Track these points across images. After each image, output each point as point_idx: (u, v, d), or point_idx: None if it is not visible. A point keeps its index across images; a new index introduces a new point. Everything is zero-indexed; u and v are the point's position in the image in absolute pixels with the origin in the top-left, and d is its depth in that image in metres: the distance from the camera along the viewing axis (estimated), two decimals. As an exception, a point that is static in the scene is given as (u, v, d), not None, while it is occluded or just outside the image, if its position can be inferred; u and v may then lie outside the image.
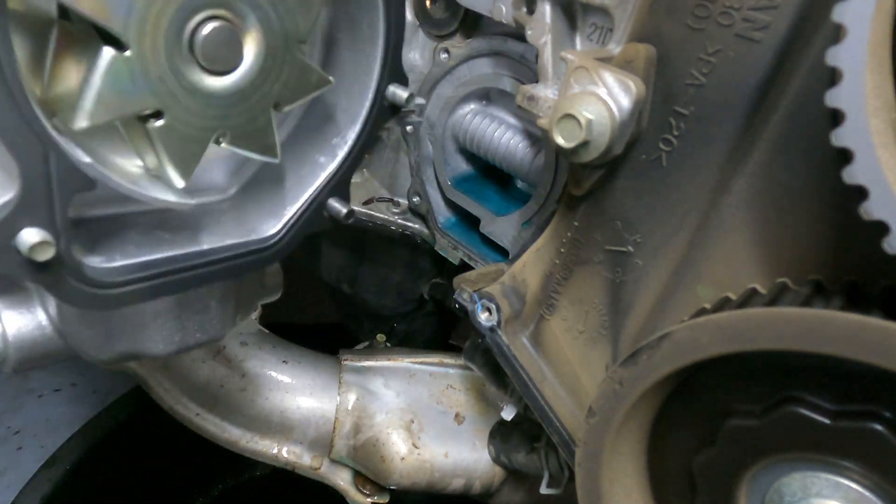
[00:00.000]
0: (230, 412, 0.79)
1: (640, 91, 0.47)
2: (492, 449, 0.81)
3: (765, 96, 0.44)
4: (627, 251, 0.54)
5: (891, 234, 0.34)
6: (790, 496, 0.42)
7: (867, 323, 0.34)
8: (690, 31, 0.46)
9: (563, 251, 0.59)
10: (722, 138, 0.47)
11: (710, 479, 0.45)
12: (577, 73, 0.48)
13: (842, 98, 0.34)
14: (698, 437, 0.46)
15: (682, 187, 0.50)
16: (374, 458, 0.78)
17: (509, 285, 0.63)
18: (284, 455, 0.79)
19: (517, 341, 0.64)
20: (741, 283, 0.47)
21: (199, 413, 0.80)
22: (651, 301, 0.53)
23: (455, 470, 0.79)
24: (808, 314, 0.36)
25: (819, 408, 0.39)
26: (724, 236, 0.48)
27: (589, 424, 0.48)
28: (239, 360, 0.81)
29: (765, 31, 0.43)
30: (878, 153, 0.33)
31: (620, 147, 0.49)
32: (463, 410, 0.82)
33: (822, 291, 0.42)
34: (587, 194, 0.55)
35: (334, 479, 0.81)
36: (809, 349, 0.36)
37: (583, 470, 0.49)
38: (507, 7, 0.59)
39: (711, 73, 0.46)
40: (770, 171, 0.45)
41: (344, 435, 0.79)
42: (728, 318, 0.39)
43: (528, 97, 0.55)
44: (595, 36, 0.54)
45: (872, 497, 0.39)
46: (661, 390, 0.46)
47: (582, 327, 0.59)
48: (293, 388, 0.79)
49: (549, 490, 0.74)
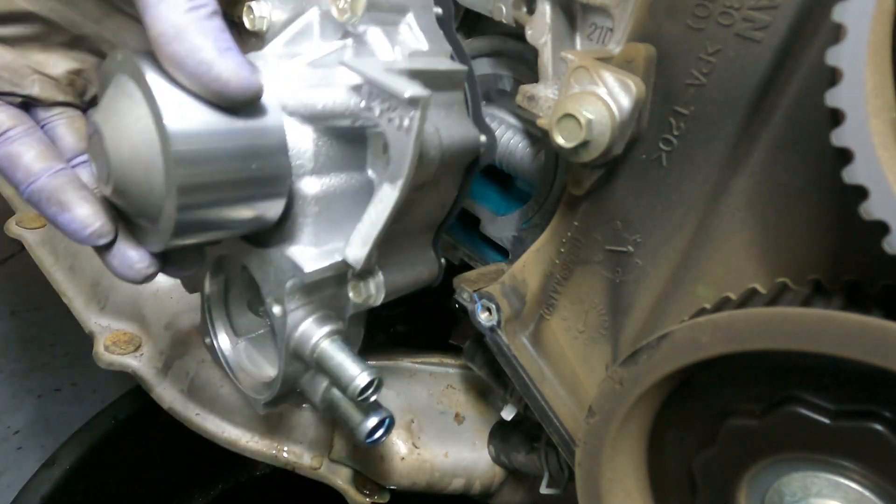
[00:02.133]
0: (230, 412, 0.79)
1: (640, 91, 0.47)
2: (492, 449, 0.81)
3: (765, 96, 0.44)
4: (627, 251, 0.54)
5: (891, 234, 0.34)
6: (790, 496, 0.42)
7: (867, 323, 0.34)
8: (690, 30, 0.46)
9: (563, 251, 0.59)
10: (722, 138, 0.47)
11: (710, 479, 0.45)
12: (577, 72, 0.48)
13: (842, 98, 0.34)
14: (698, 437, 0.46)
15: (682, 187, 0.50)
16: (374, 457, 0.78)
17: (509, 285, 0.63)
18: (284, 455, 0.79)
19: (517, 341, 0.64)
20: (741, 283, 0.47)
21: (199, 413, 0.80)
22: (651, 301, 0.53)
23: (455, 470, 0.79)
24: (808, 314, 0.36)
25: (819, 408, 0.39)
26: (724, 236, 0.48)
27: (589, 424, 0.48)
28: (239, 360, 0.81)
29: (765, 31, 0.43)
30: (878, 153, 0.33)
31: (620, 147, 0.49)
32: (463, 410, 0.82)
33: (822, 291, 0.42)
34: (587, 194, 0.55)
35: (334, 479, 0.81)
36: (809, 349, 0.36)
37: (583, 470, 0.49)
38: (507, 7, 0.59)
39: (711, 73, 0.46)
40: (770, 171, 0.45)
41: (344, 435, 0.79)
42: (728, 318, 0.39)
43: (528, 97, 0.55)
44: (595, 36, 0.54)
45: (872, 497, 0.39)
46: (661, 390, 0.46)
47: (582, 327, 0.59)
48: (293, 387, 0.79)
49: (549, 490, 0.74)
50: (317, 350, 0.55)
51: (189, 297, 0.88)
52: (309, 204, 0.52)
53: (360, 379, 0.53)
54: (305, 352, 0.56)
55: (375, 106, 0.48)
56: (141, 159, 0.44)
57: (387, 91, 0.47)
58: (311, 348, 0.55)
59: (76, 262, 0.95)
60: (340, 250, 0.53)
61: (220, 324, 0.67)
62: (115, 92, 0.46)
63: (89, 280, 0.92)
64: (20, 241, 1.02)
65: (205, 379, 0.80)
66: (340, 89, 0.50)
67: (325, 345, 0.55)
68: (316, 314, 0.56)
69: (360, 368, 0.53)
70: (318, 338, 0.55)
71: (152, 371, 0.83)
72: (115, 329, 0.87)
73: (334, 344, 0.55)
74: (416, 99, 0.45)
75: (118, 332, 0.86)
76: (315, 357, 0.55)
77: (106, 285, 0.90)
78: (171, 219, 0.45)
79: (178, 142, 0.43)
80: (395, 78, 0.48)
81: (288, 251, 0.53)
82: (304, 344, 0.55)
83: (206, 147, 0.45)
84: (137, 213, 0.48)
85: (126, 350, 0.84)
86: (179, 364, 0.82)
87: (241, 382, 0.66)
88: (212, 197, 0.47)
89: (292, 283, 0.53)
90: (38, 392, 1.66)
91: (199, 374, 0.80)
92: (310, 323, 0.56)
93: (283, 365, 0.58)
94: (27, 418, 1.60)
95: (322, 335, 0.55)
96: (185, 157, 0.44)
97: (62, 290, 0.94)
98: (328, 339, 0.55)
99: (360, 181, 0.54)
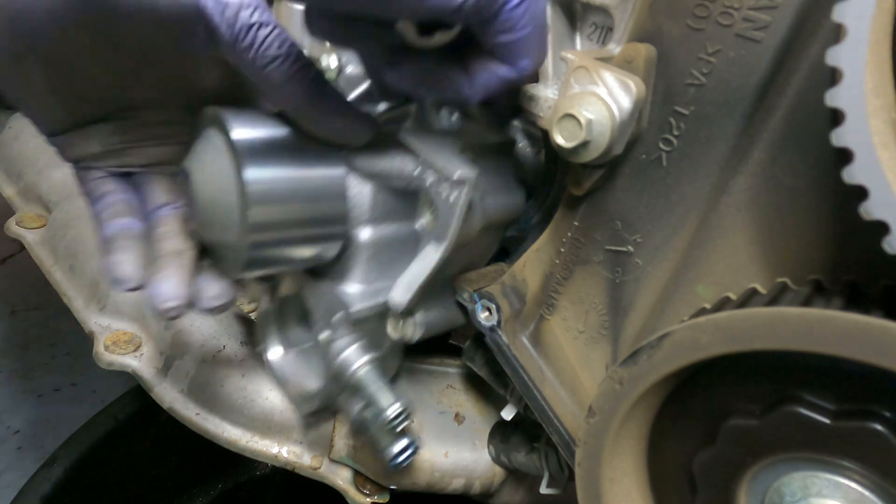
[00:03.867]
0: (230, 412, 0.79)
1: (640, 91, 0.47)
2: (492, 449, 0.81)
3: (765, 96, 0.44)
4: (627, 251, 0.54)
5: (891, 234, 0.34)
6: (790, 496, 0.42)
7: (867, 323, 0.34)
8: (690, 30, 0.46)
9: (563, 251, 0.59)
10: (722, 138, 0.47)
11: (710, 478, 0.45)
12: (577, 72, 0.48)
13: (842, 98, 0.34)
14: (698, 436, 0.46)
15: (682, 187, 0.50)
16: (374, 457, 0.78)
17: (509, 285, 0.63)
18: (284, 455, 0.79)
19: (517, 341, 0.64)
20: (741, 283, 0.47)
21: (199, 413, 0.80)
22: (651, 301, 0.53)
23: (455, 470, 0.79)
24: (808, 314, 0.36)
25: (819, 407, 0.39)
26: (724, 236, 0.48)
27: (589, 424, 0.48)
28: (239, 360, 0.81)
29: (765, 31, 0.43)
30: (878, 153, 0.33)
31: (620, 147, 0.49)
32: (463, 410, 0.82)
33: (822, 291, 0.42)
34: (587, 194, 0.55)
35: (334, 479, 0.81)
36: (809, 349, 0.36)
37: (583, 470, 0.49)
38: (507, 7, 0.59)
39: (711, 73, 0.46)
40: (770, 171, 0.45)
41: (344, 435, 0.79)
42: (728, 318, 0.39)
43: (527, 97, 0.55)
44: (595, 36, 0.54)
45: (872, 497, 0.39)
46: (661, 390, 0.46)
47: (582, 327, 0.59)
48: (293, 387, 0.80)
49: (549, 490, 0.74)
50: (355, 376, 0.61)
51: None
52: (362, 248, 0.60)
53: (391, 410, 0.59)
54: (345, 376, 0.61)
55: (428, 177, 0.56)
56: (222, 202, 0.52)
57: (442, 171, 0.55)
58: (350, 374, 0.61)
59: (76, 262, 0.94)
60: (385, 291, 0.61)
61: (274, 336, 0.73)
62: (203, 143, 0.53)
63: (89, 280, 0.92)
64: (20, 241, 1.02)
65: (205, 379, 0.80)
66: (398, 156, 0.58)
67: (363, 373, 0.61)
68: (358, 343, 0.62)
69: (392, 399, 0.59)
70: (358, 365, 0.61)
71: (152, 371, 0.83)
72: (115, 329, 0.86)
73: (371, 373, 0.61)
74: (463, 180, 0.54)
75: (118, 332, 0.86)
76: (353, 382, 0.61)
77: (106, 285, 0.90)
78: (245, 253, 0.53)
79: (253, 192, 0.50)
80: (448, 156, 0.56)
81: (339, 287, 0.61)
82: (345, 369, 0.61)
83: (277, 194, 0.52)
84: (218, 247, 0.56)
85: (126, 350, 0.83)
86: (179, 364, 0.81)
87: (288, 392, 0.74)
88: (279, 237, 0.54)
89: (340, 315, 0.61)
90: (38, 392, 1.66)
91: (199, 374, 0.80)
92: (352, 351, 0.61)
93: (325, 385, 0.66)
94: (27, 418, 1.60)
95: (361, 363, 0.61)
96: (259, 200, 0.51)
97: (62, 290, 0.94)
98: (366, 368, 0.61)
99: (408, 231, 0.62)
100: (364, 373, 0.61)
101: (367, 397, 0.60)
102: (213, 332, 0.83)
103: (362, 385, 0.61)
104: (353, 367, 0.61)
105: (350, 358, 0.61)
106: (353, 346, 0.61)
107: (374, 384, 0.60)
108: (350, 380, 0.61)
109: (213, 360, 0.81)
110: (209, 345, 0.82)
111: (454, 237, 0.56)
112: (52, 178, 1.09)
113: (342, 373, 0.61)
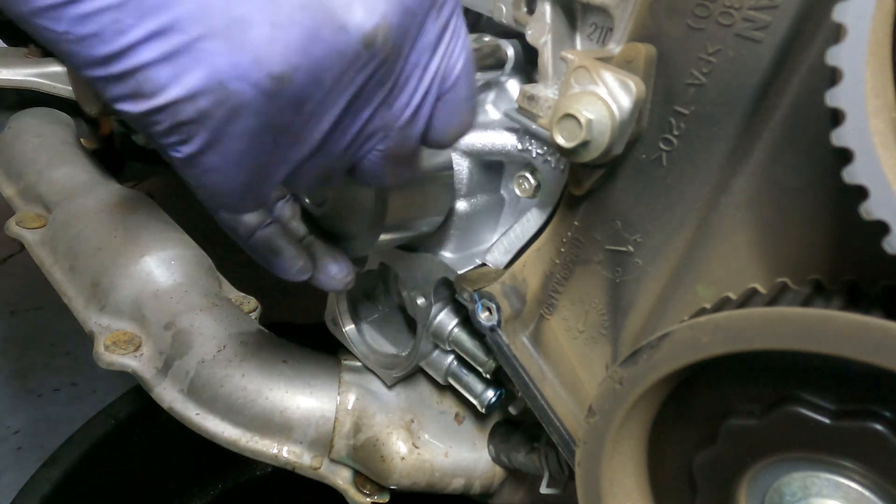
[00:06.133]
0: (230, 412, 0.79)
1: (640, 91, 0.47)
2: (492, 449, 0.81)
3: (765, 96, 0.44)
4: (627, 251, 0.54)
5: (891, 234, 0.34)
6: (790, 496, 0.42)
7: (867, 323, 0.34)
8: (691, 30, 0.46)
9: (563, 251, 0.59)
10: (722, 138, 0.47)
11: (710, 478, 0.45)
12: (577, 72, 0.48)
13: (842, 98, 0.34)
14: (698, 437, 0.46)
15: (682, 187, 0.50)
16: (374, 457, 0.78)
17: (509, 285, 0.63)
18: (284, 455, 0.79)
19: (517, 341, 0.64)
20: (741, 283, 0.47)
21: (199, 413, 0.80)
22: (651, 301, 0.53)
23: (455, 470, 0.79)
24: (808, 314, 0.36)
25: (819, 407, 0.39)
26: (724, 236, 0.48)
27: (589, 424, 0.48)
28: (239, 360, 0.81)
29: (765, 31, 0.43)
30: (878, 153, 0.33)
31: (620, 147, 0.49)
32: (463, 410, 0.82)
33: (822, 291, 0.42)
34: (587, 194, 0.55)
35: (334, 479, 0.81)
36: (809, 349, 0.36)
37: (583, 470, 0.49)
38: (507, 7, 0.59)
39: (711, 73, 0.46)
40: (770, 171, 0.45)
41: (344, 435, 0.79)
42: (728, 317, 0.39)
43: (528, 97, 0.55)
44: (595, 36, 0.54)
45: (872, 497, 0.39)
46: (661, 390, 0.46)
47: (582, 327, 0.59)
48: (293, 387, 0.79)
49: (549, 490, 0.74)
50: (453, 335, 0.70)
51: (189, 297, 0.88)
52: (458, 219, 0.67)
53: (491, 361, 0.69)
54: (443, 336, 0.71)
55: (532, 149, 0.61)
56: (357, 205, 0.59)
57: (547, 140, 0.58)
58: (447, 334, 0.70)
59: (76, 262, 0.94)
60: (478, 255, 0.68)
61: (347, 314, 0.81)
62: None
63: (89, 280, 0.92)
64: (20, 241, 1.02)
65: (205, 379, 0.80)
66: (496, 132, 0.63)
67: (458, 331, 0.70)
68: (449, 306, 0.71)
69: (487, 352, 0.69)
70: (453, 325, 0.70)
71: (152, 371, 0.83)
72: (115, 329, 0.86)
73: (464, 332, 0.70)
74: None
75: (118, 332, 0.86)
76: (451, 340, 0.70)
77: (106, 285, 0.89)
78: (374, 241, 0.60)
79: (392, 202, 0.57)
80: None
81: (438, 256, 0.69)
82: (442, 330, 0.71)
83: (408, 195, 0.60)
84: (345, 234, 0.62)
85: (126, 350, 0.83)
86: (179, 364, 0.81)
87: (369, 361, 0.81)
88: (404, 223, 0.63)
89: (438, 280, 0.68)
90: (38, 392, 1.66)
91: (199, 374, 0.80)
92: (445, 314, 0.71)
93: (420, 346, 0.73)
94: (27, 418, 1.60)
95: (455, 323, 0.70)
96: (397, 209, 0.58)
97: (62, 290, 0.94)
98: (459, 328, 0.70)
99: (494, 200, 0.69)
100: (459, 331, 0.70)
101: (467, 351, 0.70)
102: (213, 331, 0.83)
103: (460, 342, 0.70)
104: (450, 328, 0.70)
105: (445, 320, 0.70)
106: (445, 308, 0.71)
107: (470, 341, 0.70)
108: (448, 338, 0.70)
109: (213, 360, 0.81)
110: (209, 345, 0.82)
111: (560, 201, 0.60)
112: (52, 178, 1.09)
113: (440, 334, 0.71)
